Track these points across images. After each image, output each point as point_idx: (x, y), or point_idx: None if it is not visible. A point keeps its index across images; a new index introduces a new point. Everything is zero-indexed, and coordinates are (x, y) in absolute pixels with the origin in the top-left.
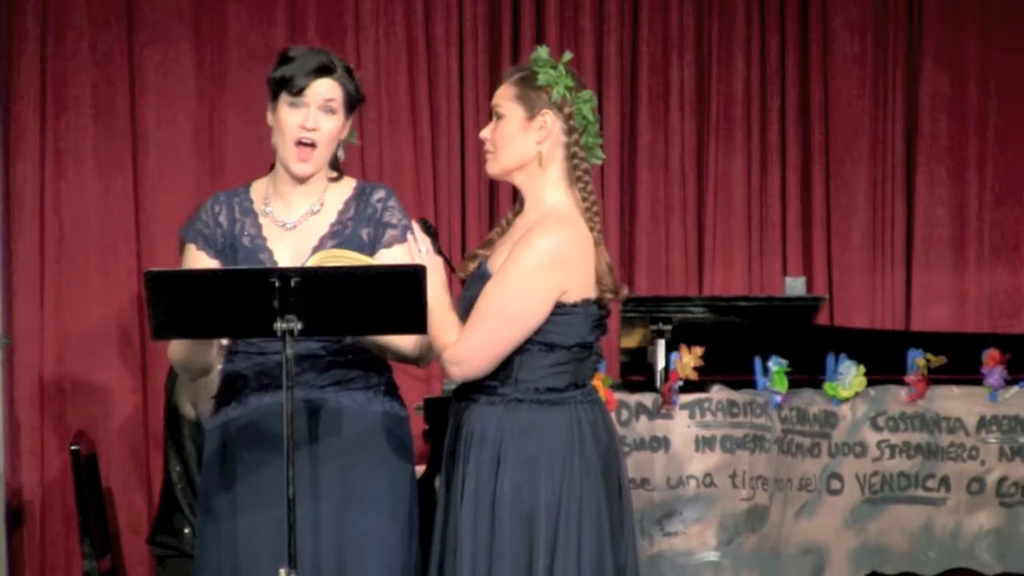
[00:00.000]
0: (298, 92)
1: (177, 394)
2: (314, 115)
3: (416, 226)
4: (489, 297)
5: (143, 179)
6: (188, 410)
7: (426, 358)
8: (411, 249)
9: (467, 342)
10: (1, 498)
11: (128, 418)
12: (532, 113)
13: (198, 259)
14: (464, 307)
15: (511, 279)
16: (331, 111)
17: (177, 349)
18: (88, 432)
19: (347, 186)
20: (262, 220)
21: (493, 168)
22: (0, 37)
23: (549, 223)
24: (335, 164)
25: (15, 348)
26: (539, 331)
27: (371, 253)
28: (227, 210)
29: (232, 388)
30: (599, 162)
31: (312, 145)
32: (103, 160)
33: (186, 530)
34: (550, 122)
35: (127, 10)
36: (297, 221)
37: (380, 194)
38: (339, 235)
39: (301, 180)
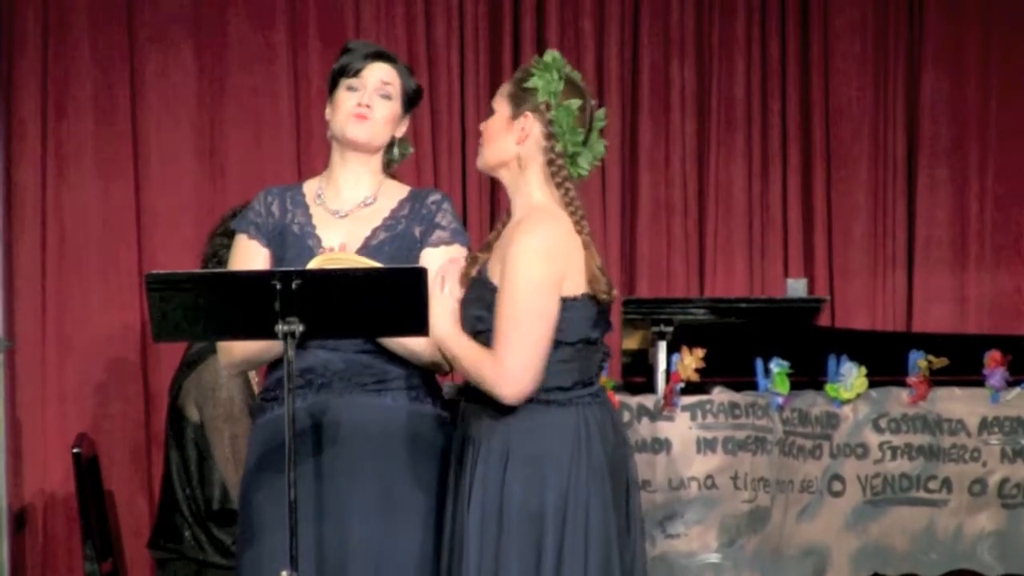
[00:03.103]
0: (355, 74)
1: (183, 395)
2: (370, 95)
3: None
4: (507, 309)
5: (144, 182)
6: (192, 412)
7: (442, 366)
8: (446, 265)
9: (509, 361)
10: (3, 501)
11: (130, 421)
12: (515, 113)
13: (248, 248)
14: (466, 311)
15: (519, 284)
16: (387, 96)
17: (244, 349)
18: (89, 435)
19: (402, 188)
20: (312, 210)
21: (479, 162)
22: (1, 40)
23: (531, 221)
24: (388, 167)
25: (16, 350)
26: None
27: (420, 250)
28: (279, 201)
29: (280, 385)
30: (584, 173)
31: (366, 117)
32: (104, 163)
33: (186, 533)
34: (529, 125)
35: (128, 13)
36: (349, 210)
37: (436, 196)
38: (392, 228)
39: (356, 148)
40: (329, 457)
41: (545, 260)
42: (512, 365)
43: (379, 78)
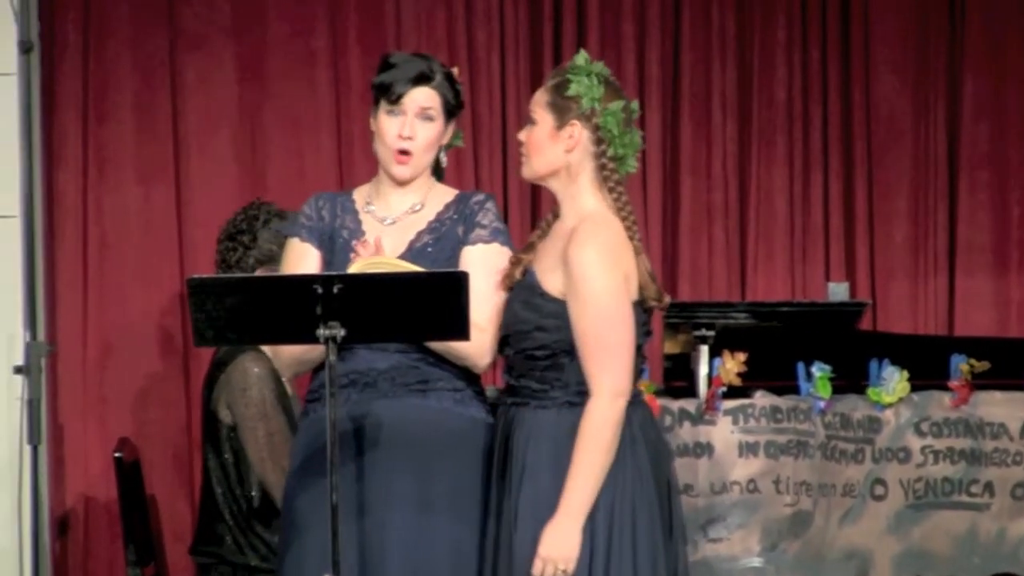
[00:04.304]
0: (395, 100)
1: (215, 397)
2: (411, 123)
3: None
4: (588, 329)
5: (184, 186)
6: (225, 414)
7: (477, 365)
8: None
9: (608, 382)
10: (45, 505)
11: (171, 425)
12: (561, 123)
13: (303, 251)
14: (509, 311)
15: (593, 300)
16: (429, 119)
17: (291, 351)
18: (131, 439)
19: (450, 192)
20: (362, 216)
21: (525, 172)
22: (42, 45)
23: (586, 230)
24: (437, 170)
25: (58, 355)
26: None
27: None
28: (330, 206)
29: (324, 386)
30: (632, 170)
31: (408, 153)
32: (145, 167)
33: (227, 538)
34: (577, 133)
35: (168, 18)
36: (397, 218)
37: (479, 196)
38: (436, 231)
39: (401, 183)
40: (371, 457)
41: (609, 267)
42: (614, 384)
43: (419, 104)
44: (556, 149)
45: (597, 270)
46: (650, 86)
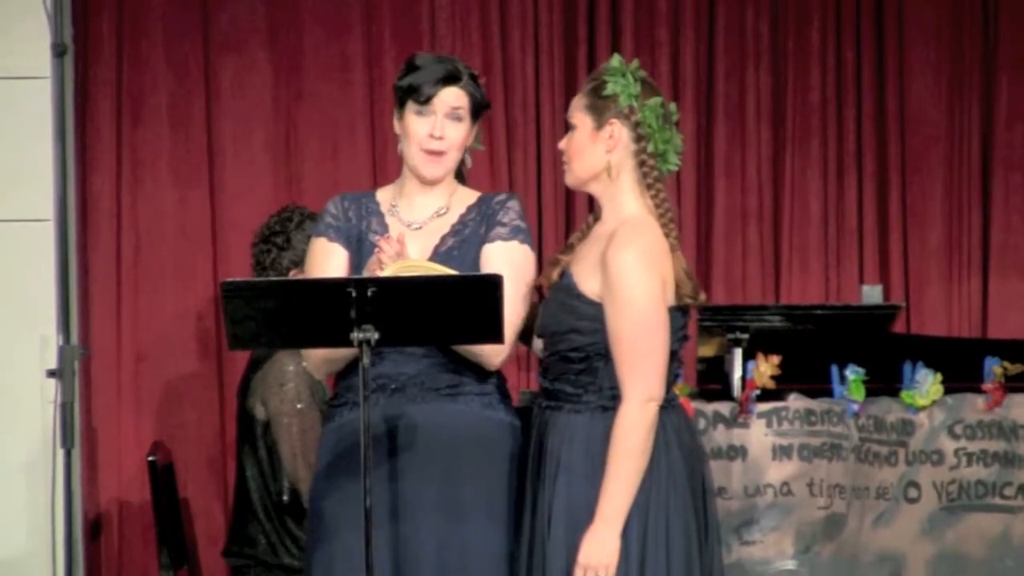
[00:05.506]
0: (425, 101)
1: (250, 395)
2: (441, 123)
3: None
4: (622, 332)
5: (219, 189)
6: (259, 410)
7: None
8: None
9: (640, 387)
10: (79, 509)
11: (205, 428)
12: (600, 123)
13: (330, 250)
14: (545, 313)
15: (626, 302)
16: (458, 119)
17: (321, 351)
18: (165, 442)
19: (473, 194)
20: (388, 220)
21: (569, 179)
22: (76, 48)
23: (625, 234)
24: (460, 172)
25: (92, 358)
26: None
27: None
28: (355, 207)
29: (350, 390)
30: (675, 168)
31: (440, 153)
32: (179, 170)
33: (261, 539)
34: (617, 132)
35: (203, 20)
36: (423, 222)
37: (501, 196)
38: (459, 234)
39: (430, 184)
40: (400, 461)
41: (646, 271)
42: (647, 390)
43: (449, 104)
44: (597, 150)
45: (634, 274)
46: (684, 90)
